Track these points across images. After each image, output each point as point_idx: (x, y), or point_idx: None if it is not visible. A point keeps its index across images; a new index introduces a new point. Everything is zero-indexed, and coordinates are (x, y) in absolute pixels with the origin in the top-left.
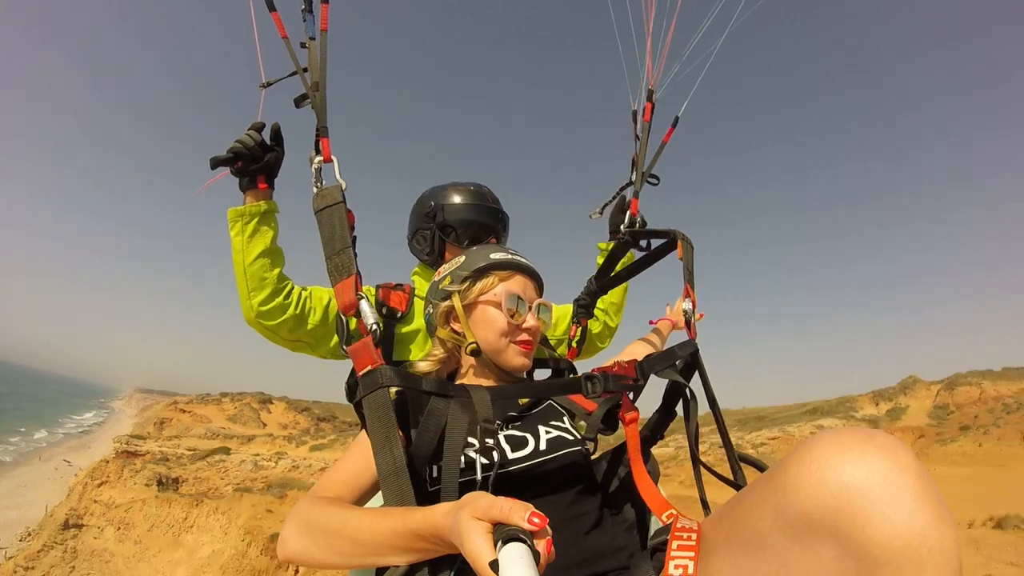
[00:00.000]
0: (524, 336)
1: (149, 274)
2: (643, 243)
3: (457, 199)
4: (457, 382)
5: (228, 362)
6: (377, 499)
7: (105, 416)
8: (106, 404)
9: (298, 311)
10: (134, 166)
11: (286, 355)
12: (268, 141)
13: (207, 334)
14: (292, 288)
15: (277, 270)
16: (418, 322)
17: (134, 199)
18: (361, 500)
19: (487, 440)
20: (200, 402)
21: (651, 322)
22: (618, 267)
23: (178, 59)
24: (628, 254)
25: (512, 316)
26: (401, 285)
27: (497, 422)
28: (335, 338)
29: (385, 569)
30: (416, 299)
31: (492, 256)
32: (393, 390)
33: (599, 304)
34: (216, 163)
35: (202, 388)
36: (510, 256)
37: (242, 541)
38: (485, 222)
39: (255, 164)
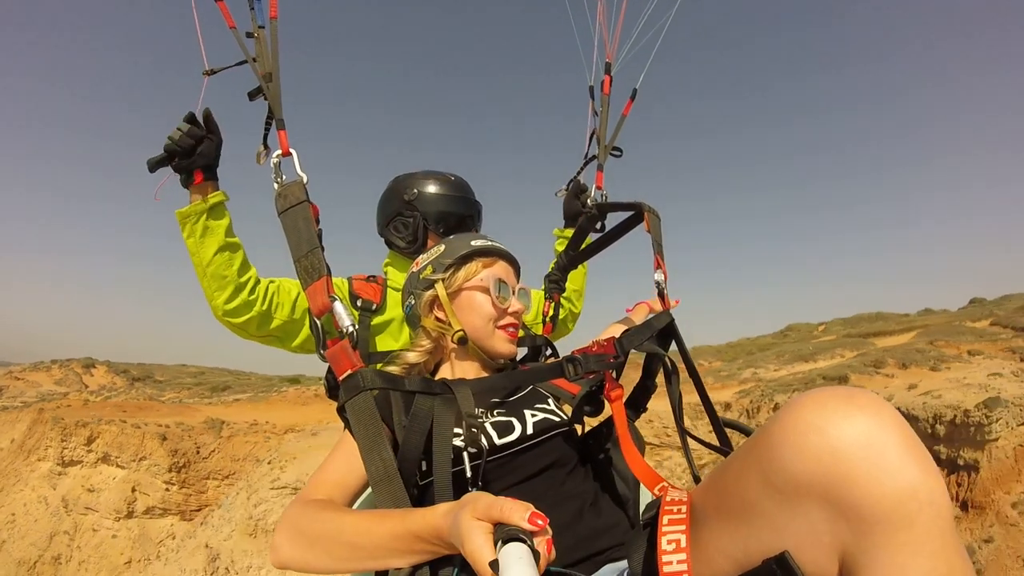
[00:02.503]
0: (510, 320)
1: None
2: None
3: (440, 189)
4: (441, 371)
5: (62, 326)
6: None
7: None
8: None
9: (264, 307)
10: None
11: (111, 319)
12: (202, 128)
13: (40, 300)
14: (257, 282)
15: (237, 263)
16: (391, 313)
17: None
18: (352, 500)
19: (472, 432)
20: (32, 370)
21: (627, 310)
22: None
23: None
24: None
25: (498, 300)
26: (374, 277)
27: (481, 410)
28: (304, 334)
29: (385, 572)
30: (390, 290)
31: (473, 243)
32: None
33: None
34: (153, 165)
35: (36, 356)
36: (491, 243)
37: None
38: (465, 214)
39: (188, 159)
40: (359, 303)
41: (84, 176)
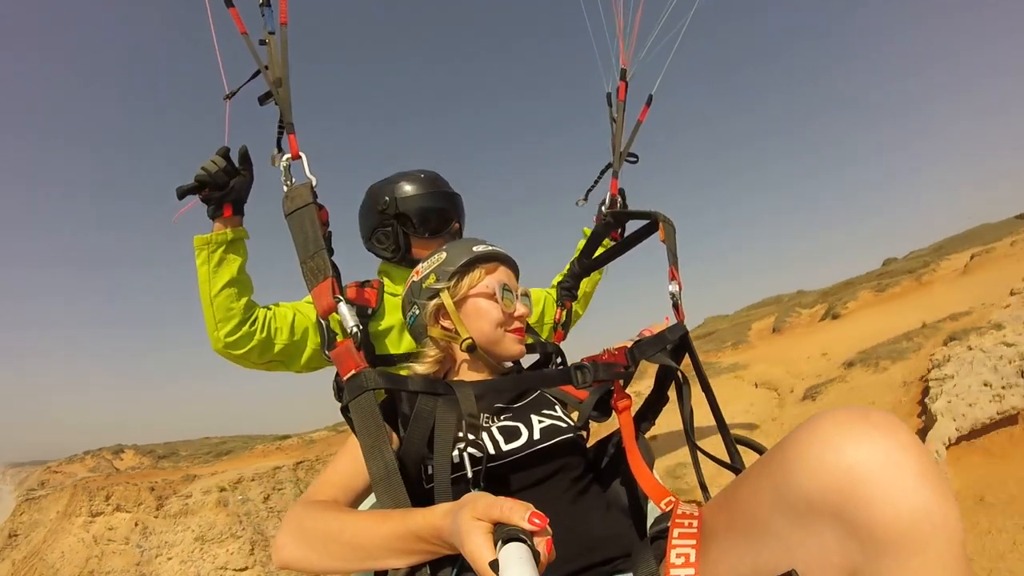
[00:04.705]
0: (517, 324)
1: None
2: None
3: (412, 189)
4: (453, 378)
5: (90, 416)
6: (371, 500)
7: None
8: None
9: (264, 335)
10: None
11: (138, 405)
12: (237, 164)
13: (65, 396)
14: (257, 315)
15: (245, 299)
16: (389, 318)
17: None
18: (356, 501)
19: (471, 435)
20: (68, 463)
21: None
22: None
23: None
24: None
25: (504, 306)
26: (368, 281)
27: (486, 415)
28: (307, 352)
29: (385, 572)
30: (387, 295)
31: (475, 249)
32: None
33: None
34: (183, 193)
35: (69, 449)
36: (492, 248)
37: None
38: (444, 208)
39: (220, 191)
40: (354, 310)
41: (100, 269)
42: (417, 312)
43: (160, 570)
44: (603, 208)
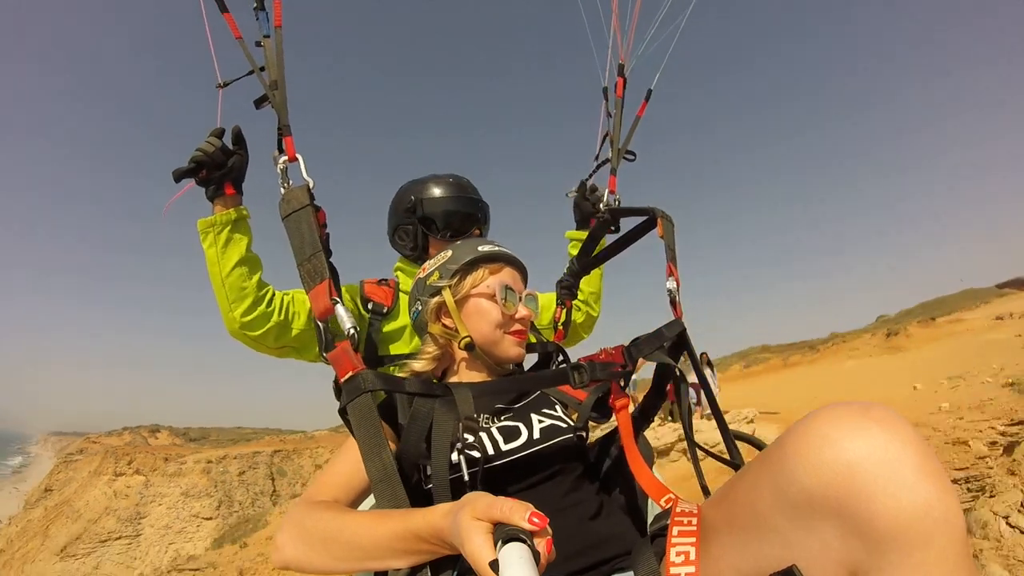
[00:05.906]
0: (517, 326)
1: (51, 315)
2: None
3: (437, 191)
4: (450, 378)
5: (132, 393)
6: (371, 500)
7: (31, 458)
8: (25, 450)
9: (282, 318)
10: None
11: (177, 387)
12: (230, 145)
13: (112, 370)
14: (273, 295)
15: (256, 277)
16: (404, 318)
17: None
18: (356, 501)
19: (468, 436)
20: (107, 436)
21: None
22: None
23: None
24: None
25: (505, 307)
26: (385, 280)
27: (486, 415)
28: None
29: (385, 572)
30: (401, 294)
31: (480, 249)
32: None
33: (579, 295)
34: (180, 175)
35: (110, 424)
36: (498, 248)
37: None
38: (467, 213)
39: (219, 171)
40: (370, 306)
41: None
42: (420, 308)
43: (152, 512)
44: (601, 206)
